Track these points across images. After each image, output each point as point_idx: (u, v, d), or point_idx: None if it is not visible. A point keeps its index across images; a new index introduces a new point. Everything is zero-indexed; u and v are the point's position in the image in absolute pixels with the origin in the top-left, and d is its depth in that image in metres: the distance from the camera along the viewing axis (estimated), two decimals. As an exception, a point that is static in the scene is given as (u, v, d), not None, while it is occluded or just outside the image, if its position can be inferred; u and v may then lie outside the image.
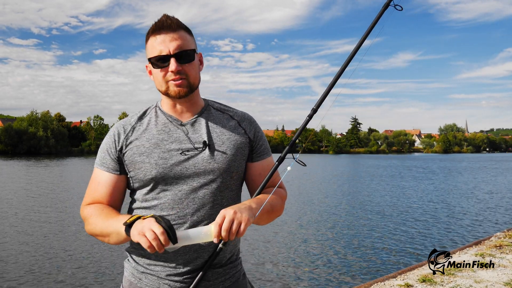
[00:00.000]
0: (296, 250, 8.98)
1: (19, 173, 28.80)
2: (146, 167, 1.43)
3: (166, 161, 1.42)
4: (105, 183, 1.48)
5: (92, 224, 1.43)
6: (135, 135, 1.48)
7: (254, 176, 1.57)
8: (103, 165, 1.49)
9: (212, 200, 1.45)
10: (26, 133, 70.61)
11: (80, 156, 65.62)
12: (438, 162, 59.65)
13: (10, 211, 13.15)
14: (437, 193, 20.00)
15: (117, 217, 1.38)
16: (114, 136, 1.49)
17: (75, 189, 19.53)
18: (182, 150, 1.44)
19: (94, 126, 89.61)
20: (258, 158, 1.57)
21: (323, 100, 1.54)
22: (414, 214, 13.83)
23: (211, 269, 1.47)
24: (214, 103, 1.59)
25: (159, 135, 1.46)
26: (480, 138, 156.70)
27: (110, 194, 1.48)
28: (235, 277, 1.56)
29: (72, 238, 9.71)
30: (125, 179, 1.50)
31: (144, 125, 1.49)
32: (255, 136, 1.56)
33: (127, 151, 1.46)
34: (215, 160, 1.45)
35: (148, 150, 1.44)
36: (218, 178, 1.46)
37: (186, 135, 1.47)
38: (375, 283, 4.65)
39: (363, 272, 7.51)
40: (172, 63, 1.40)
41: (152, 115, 1.52)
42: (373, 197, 18.21)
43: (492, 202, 16.95)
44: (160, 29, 1.41)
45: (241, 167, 1.53)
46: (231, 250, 1.54)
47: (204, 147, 1.45)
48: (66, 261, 7.93)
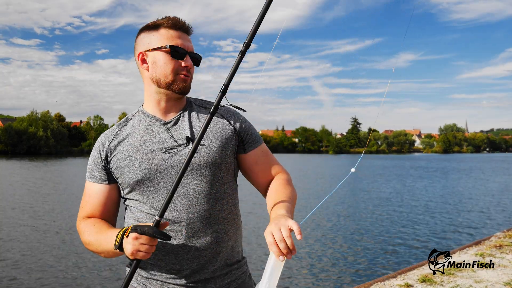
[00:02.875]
0: (296, 250, 8.97)
1: (19, 173, 28.80)
2: (131, 170, 1.42)
3: (150, 161, 1.41)
4: (96, 195, 1.49)
5: (86, 242, 1.45)
6: (118, 141, 1.48)
7: (251, 165, 1.55)
8: (91, 177, 1.50)
9: (205, 195, 1.42)
10: (26, 133, 70.60)
11: (80, 156, 65.61)
12: (438, 162, 59.64)
13: (12, 211, 13.15)
14: (437, 193, 20.00)
15: (106, 235, 1.38)
16: (98, 147, 1.50)
17: (76, 189, 19.54)
18: (165, 149, 1.42)
19: (94, 126, 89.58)
20: (251, 148, 1.55)
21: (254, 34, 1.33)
22: (414, 214, 13.83)
23: (218, 271, 1.45)
24: (195, 100, 1.58)
25: (141, 138, 1.46)
26: (480, 138, 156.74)
27: (102, 205, 1.48)
28: (241, 278, 1.54)
29: (73, 241, 9.70)
30: (116, 188, 1.50)
31: (127, 131, 1.49)
32: (241, 126, 1.54)
33: (112, 158, 1.47)
34: (200, 154, 1.42)
35: (131, 153, 1.44)
36: (206, 172, 1.43)
37: (169, 134, 1.45)
38: (375, 283, 4.65)
39: (363, 272, 7.50)
40: (189, 59, 1.44)
41: (135, 120, 1.52)
42: (373, 197, 18.21)
43: (492, 202, 16.95)
44: (179, 27, 1.45)
45: (230, 159, 1.50)
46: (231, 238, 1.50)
47: (187, 143, 1.43)
48: (67, 265, 7.92)
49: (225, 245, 1.46)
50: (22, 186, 20.22)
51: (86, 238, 1.43)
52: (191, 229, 1.41)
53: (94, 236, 1.41)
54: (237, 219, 1.53)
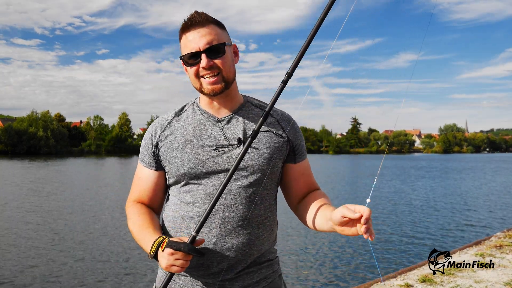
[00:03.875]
0: (296, 251, 8.98)
1: (22, 173, 28.80)
2: (179, 162, 1.44)
3: (199, 156, 1.43)
4: (145, 179, 1.54)
5: (129, 229, 1.50)
6: (170, 130, 1.50)
7: (296, 176, 1.55)
8: (142, 160, 1.54)
9: (245, 197, 1.42)
10: (26, 133, 70.62)
11: (80, 156, 65.61)
12: (438, 162, 59.65)
13: (17, 212, 13.15)
14: (437, 193, 20.00)
15: (146, 235, 1.40)
16: (151, 132, 1.53)
17: (76, 189, 19.54)
18: (216, 146, 1.43)
19: (94, 126, 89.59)
20: (300, 159, 1.55)
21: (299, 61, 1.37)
22: (413, 214, 13.83)
23: (246, 268, 1.45)
24: (253, 100, 1.56)
25: (194, 131, 1.47)
26: (480, 138, 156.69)
27: (150, 190, 1.53)
28: (271, 277, 1.52)
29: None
30: (163, 175, 1.53)
31: (181, 121, 1.51)
32: (295, 136, 1.53)
33: (162, 146, 1.49)
34: (249, 157, 1.42)
35: (181, 145, 1.45)
36: (251, 175, 1.43)
37: (221, 132, 1.45)
38: (375, 283, 4.65)
39: (363, 272, 7.50)
40: (203, 58, 1.39)
41: (189, 111, 1.52)
42: (373, 197, 18.21)
43: (492, 202, 16.95)
44: (189, 26, 1.41)
45: (277, 167, 1.49)
46: (265, 243, 1.49)
47: (238, 144, 1.43)
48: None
49: (257, 248, 1.46)
50: (27, 186, 20.23)
51: (130, 226, 1.49)
52: (225, 228, 1.41)
53: (136, 230, 1.45)
54: (273, 225, 1.53)
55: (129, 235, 9.92)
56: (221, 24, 1.47)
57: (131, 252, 8.48)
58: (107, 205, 14.64)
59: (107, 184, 22.26)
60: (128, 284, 6.74)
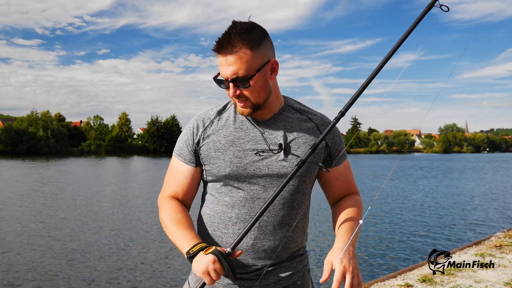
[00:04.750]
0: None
1: (21, 173, 28.80)
2: (221, 163, 1.45)
3: (241, 160, 1.44)
4: (182, 174, 1.53)
5: (164, 225, 1.50)
6: (213, 129, 1.49)
7: (332, 180, 1.57)
8: (180, 155, 1.53)
9: (283, 203, 1.45)
10: (26, 133, 70.57)
11: (80, 156, 65.61)
12: (438, 162, 59.65)
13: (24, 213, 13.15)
14: (437, 193, 19.99)
15: (185, 233, 1.42)
16: (193, 129, 1.52)
17: (78, 189, 19.54)
18: (257, 151, 1.44)
19: (94, 126, 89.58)
20: (337, 164, 1.55)
21: (352, 103, 1.48)
22: (414, 213, 13.82)
23: (279, 263, 1.49)
24: (293, 103, 1.56)
25: (236, 133, 1.47)
26: (480, 138, 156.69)
27: (187, 185, 1.54)
28: (302, 271, 1.56)
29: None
30: (200, 171, 1.54)
31: (222, 121, 1.50)
32: (333, 142, 1.53)
33: (203, 145, 1.49)
34: (289, 164, 1.44)
35: (224, 146, 1.46)
36: (290, 182, 1.45)
37: (262, 135, 1.46)
38: (375, 283, 4.65)
39: (363, 272, 7.50)
40: (230, 88, 1.38)
41: (231, 111, 1.52)
42: (372, 197, 18.20)
43: (492, 202, 16.95)
44: (219, 49, 1.37)
45: (315, 172, 1.51)
46: (298, 244, 1.54)
47: (279, 150, 1.44)
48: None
49: (290, 250, 1.51)
50: (29, 185, 20.23)
51: (165, 222, 1.48)
52: (262, 231, 1.44)
53: (173, 226, 1.45)
54: (306, 226, 1.57)
55: (129, 235, 9.92)
56: (258, 40, 1.37)
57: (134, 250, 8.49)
58: (109, 204, 14.65)
59: (112, 184, 22.28)
60: (128, 282, 6.74)
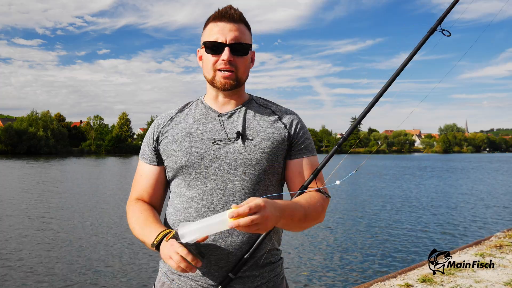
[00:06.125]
0: (295, 250, 8.97)
1: (22, 173, 28.81)
2: (177, 155, 1.44)
3: (197, 149, 1.42)
4: (145, 175, 1.52)
5: (131, 227, 1.48)
6: (172, 125, 1.50)
7: (292, 174, 1.49)
8: (143, 157, 1.54)
9: (244, 193, 1.39)
10: (26, 133, 70.61)
11: (80, 156, 65.60)
12: (438, 162, 59.62)
13: (22, 212, 13.15)
14: (437, 193, 19.99)
15: (150, 228, 1.38)
16: (153, 128, 1.53)
17: (78, 189, 19.55)
18: (214, 140, 1.42)
19: (94, 126, 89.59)
20: (297, 156, 1.49)
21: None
22: (414, 214, 13.83)
23: (245, 272, 1.40)
24: (258, 99, 1.56)
25: (194, 125, 1.47)
26: (480, 138, 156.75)
27: (151, 186, 1.52)
28: (272, 281, 1.45)
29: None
30: (164, 170, 1.52)
31: (182, 116, 1.51)
32: (295, 132, 1.49)
33: (162, 140, 1.49)
34: (247, 150, 1.41)
35: (181, 138, 1.45)
36: (249, 170, 1.40)
37: (221, 125, 1.45)
38: (375, 283, 4.65)
39: (363, 272, 7.51)
40: (226, 52, 1.39)
41: (192, 107, 1.54)
42: (373, 197, 18.21)
43: (492, 202, 16.94)
44: (222, 16, 1.41)
45: (277, 162, 1.45)
46: (269, 249, 1.44)
47: (237, 137, 1.42)
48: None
49: (258, 248, 1.40)
50: (31, 185, 20.23)
51: (132, 224, 1.46)
52: None
53: (140, 225, 1.42)
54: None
55: (129, 235, 9.92)
56: (250, 27, 1.48)
57: (132, 250, 8.49)
58: (110, 204, 14.65)
59: (110, 183, 22.28)
60: (127, 282, 6.75)
